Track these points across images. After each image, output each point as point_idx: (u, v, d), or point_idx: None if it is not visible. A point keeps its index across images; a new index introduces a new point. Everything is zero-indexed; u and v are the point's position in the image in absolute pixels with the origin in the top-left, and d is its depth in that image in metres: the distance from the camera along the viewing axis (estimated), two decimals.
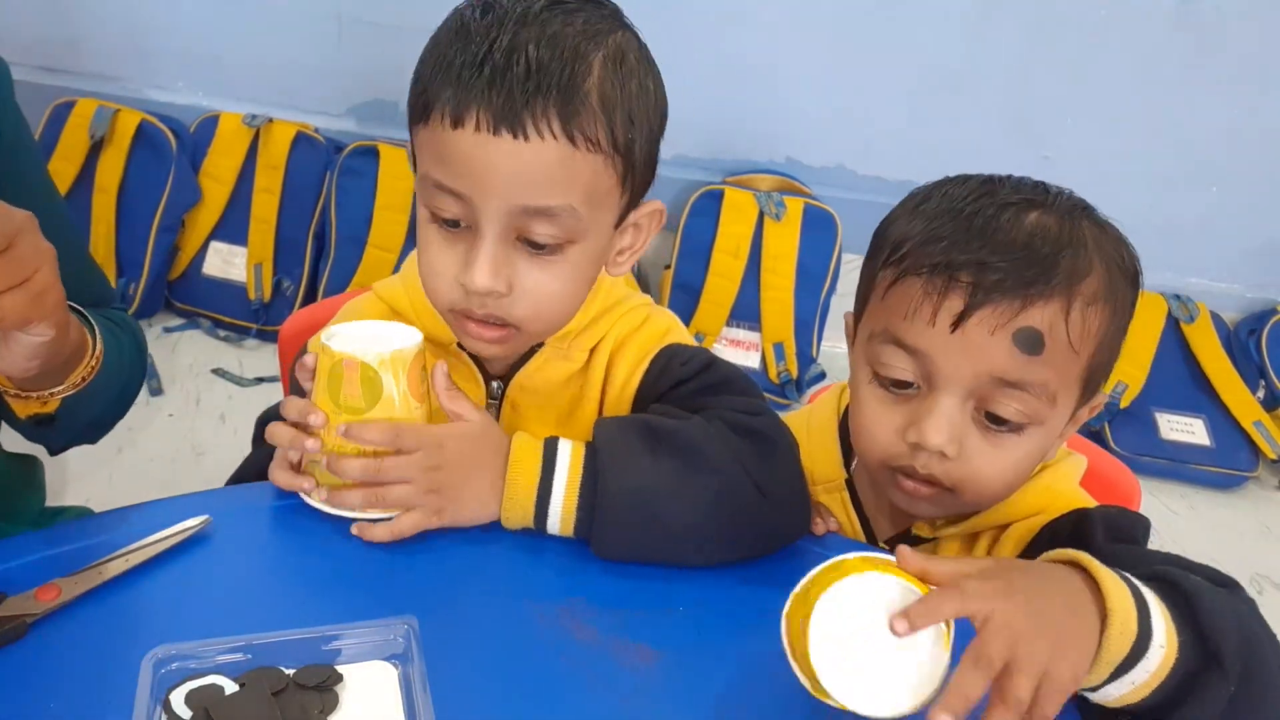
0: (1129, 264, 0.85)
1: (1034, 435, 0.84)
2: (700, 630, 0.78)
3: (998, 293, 0.80)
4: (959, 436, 0.84)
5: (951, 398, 0.83)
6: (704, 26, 2.39)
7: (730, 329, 2.49)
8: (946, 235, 0.83)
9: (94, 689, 0.67)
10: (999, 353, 0.81)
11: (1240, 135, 2.41)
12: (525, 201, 0.80)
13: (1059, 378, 0.82)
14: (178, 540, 0.78)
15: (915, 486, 0.87)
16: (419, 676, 0.67)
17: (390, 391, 0.80)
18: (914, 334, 0.83)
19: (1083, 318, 0.81)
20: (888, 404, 0.87)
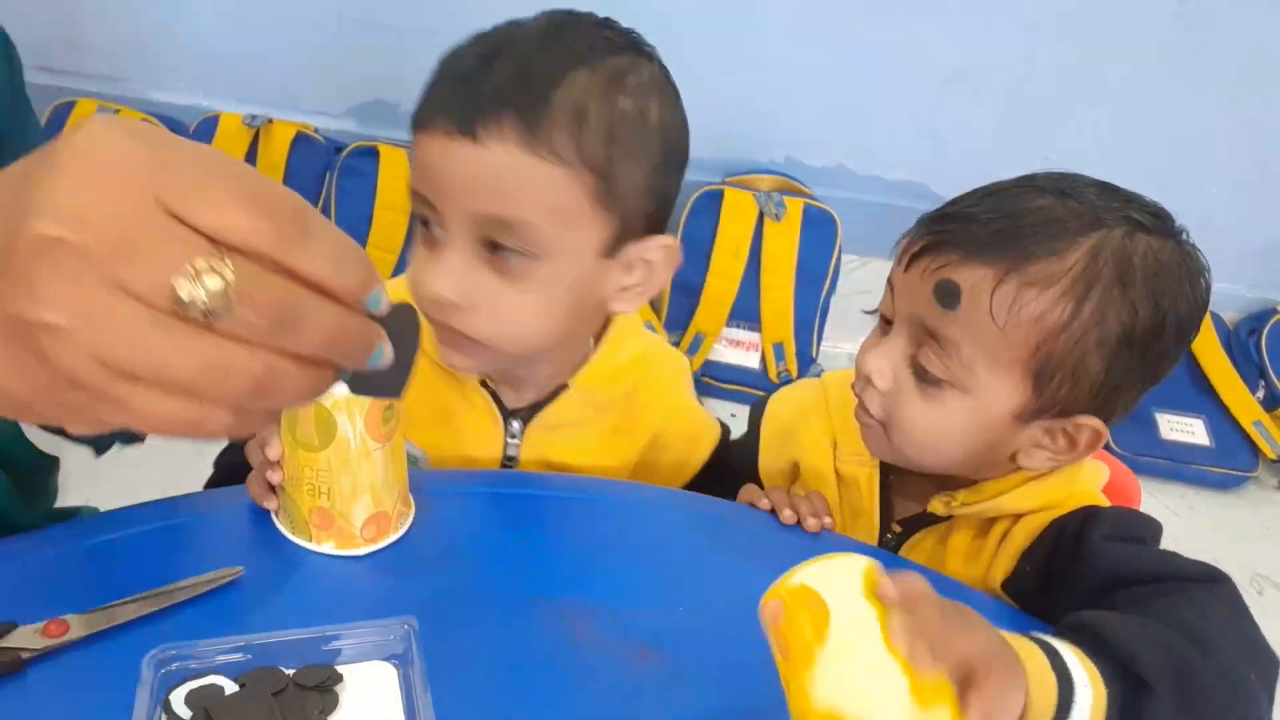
0: (1144, 289, 0.80)
1: (957, 401, 0.84)
2: (700, 630, 0.78)
3: (946, 244, 0.83)
4: (890, 373, 0.87)
5: (897, 337, 0.87)
6: (704, 26, 2.39)
7: (730, 329, 2.49)
8: (965, 199, 0.87)
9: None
10: (924, 296, 0.83)
11: (1240, 135, 2.41)
12: (482, 209, 0.79)
13: (975, 345, 0.82)
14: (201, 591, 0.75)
15: (860, 412, 0.90)
16: (419, 677, 0.67)
17: (345, 432, 0.76)
18: (893, 270, 0.89)
19: (1014, 294, 0.79)
20: (874, 338, 0.92)
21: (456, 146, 0.78)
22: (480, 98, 0.77)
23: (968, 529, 0.94)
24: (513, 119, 0.77)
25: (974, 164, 2.50)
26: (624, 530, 0.89)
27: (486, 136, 0.77)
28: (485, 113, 0.77)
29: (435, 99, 0.80)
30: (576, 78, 0.78)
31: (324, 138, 2.53)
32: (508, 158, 0.77)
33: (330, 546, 0.80)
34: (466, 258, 0.81)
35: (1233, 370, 2.48)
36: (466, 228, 0.80)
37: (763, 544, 0.90)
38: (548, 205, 0.79)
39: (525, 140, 0.77)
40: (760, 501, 0.94)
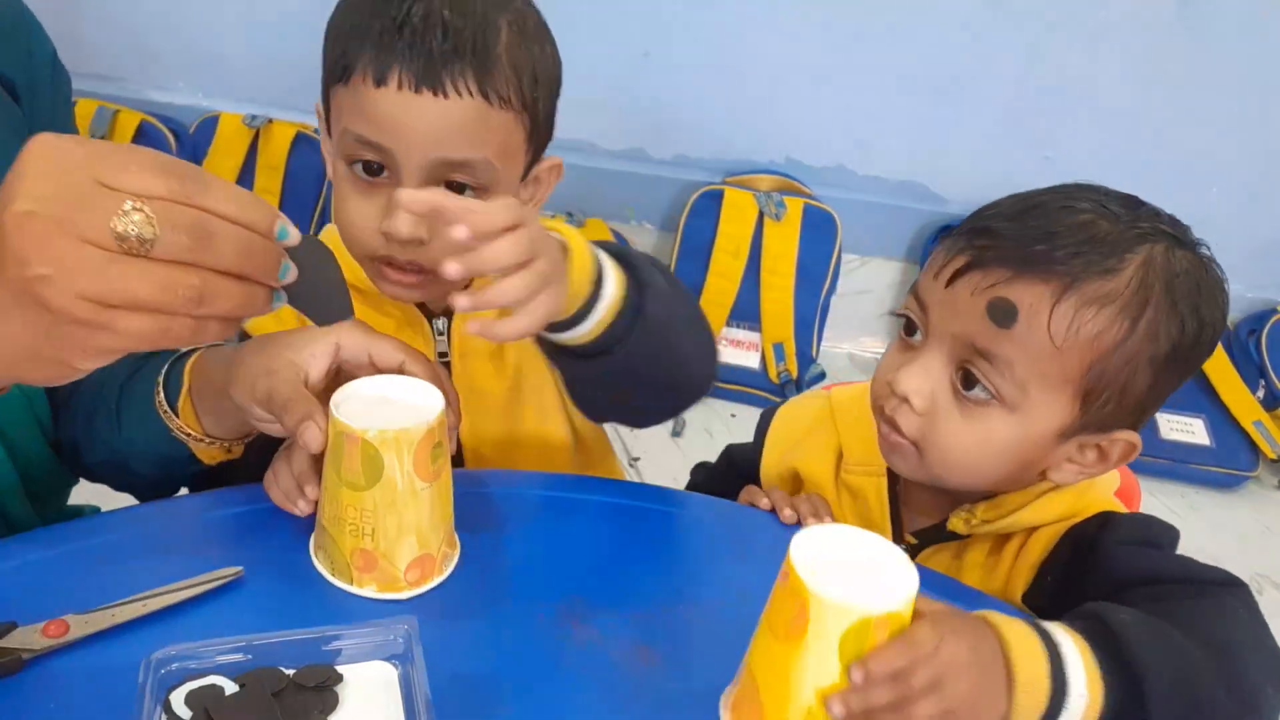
0: (1188, 303, 0.80)
1: (1004, 419, 0.82)
2: (700, 630, 0.78)
3: (995, 260, 0.80)
4: (929, 392, 0.84)
5: (935, 354, 0.84)
6: (704, 26, 2.39)
7: (730, 329, 2.49)
8: (1000, 208, 0.84)
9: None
10: (973, 316, 0.80)
11: (1240, 135, 2.41)
12: (445, 154, 0.85)
13: (1030, 364, 0.80)
14: (201, 591, 0.75)
15: (888, 430, 0.87)
16: (419, 676, 0.67)
17: (392, 471, 0.74)
18: (924, 285, 0.86)
19: (1073, 313, 0.78)
20: (897, 350, 0.89)
21: (421, 100, 0.83)
22: (439, 54, 0.83)
23: (984, 543, 0.93)
24: (470, 72, 0.84)
25: (974, 164, 2.52)
26: (624, 530, 0.89)
27: (451, 90, 0.83)
28: (447, 67, 0.83)
29: (385, 52, 0.83)
30: (501, 26, 0.86)
31: None
32: (471, 108, 0.84)
33: (372, 590, 0.77)
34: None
35: (1233, 370, 2.48)
36: (422, 171, 0.86)
37: (763, 544, 0.90)
38: (499, 145, 0.87)
39: (483, 90, 0.84)
40: (760, 501, 0.94)
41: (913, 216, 2.53)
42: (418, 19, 0.83)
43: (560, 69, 0.93)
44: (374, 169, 0.87)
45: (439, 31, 0.83)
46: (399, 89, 0.83)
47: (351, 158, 0.88)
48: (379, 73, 0.83)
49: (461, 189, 0.87)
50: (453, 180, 0.87)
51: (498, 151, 0.87)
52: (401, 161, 0.86)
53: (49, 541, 0.80)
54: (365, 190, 0.88)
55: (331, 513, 0.76)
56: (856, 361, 2.64)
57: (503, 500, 0.88)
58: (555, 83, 0.92)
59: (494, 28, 0.85)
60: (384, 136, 0.85)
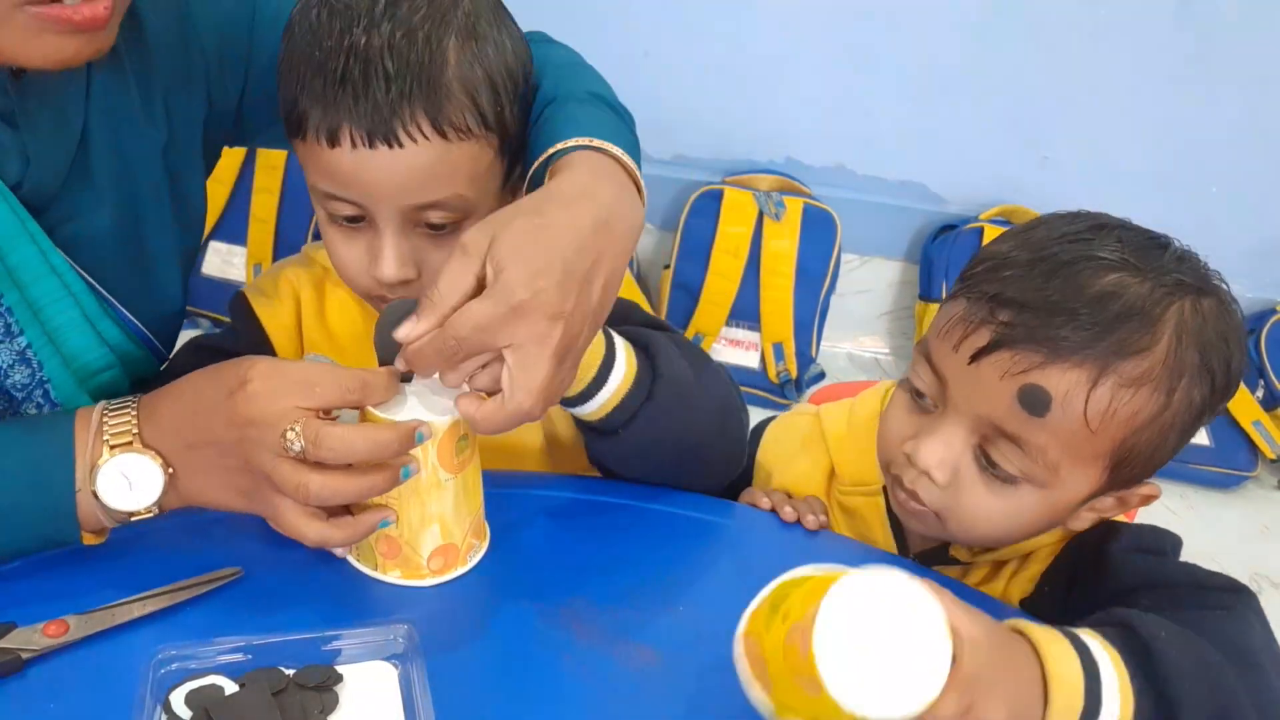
0: (1219, 359, 0.78)
1: (1032, 494, 0.80)
2: (700, 630, 0.78)
3: (1024, 341, 0.76)
4: (952, 465, 0.81)
5: (956, 427, 0.81)
6: (703, 26, 2.39)
7: (730, 329, 2.49)
8: (1016, 269, 0.79)
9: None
10: (1002, 401, 0.77)
11: (1240, 135, 2.41)
12: (413, 200, 0.83)
13: (1063, 448, 0.77)
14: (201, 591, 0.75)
15: (906, 498, 0.85)
16: (419, 677, 0.67)
17: (417, 472, 0.75)
18: (940, 353, 0.82)
19: (1111, 396, 0.75)
20: (908, 411, 0.86)
21: (376, 155, 0.80)
22: (384, 104, 0.78)
23: (985, 567, 0.93)
24: (422, 115, 0.79)
25: (974, 164, 2.52)
26: (624, 530, 0.89)
27: (406, 139, 0.79)
28: (397, 114, 0.79)
29: (331, 108, 0.79)
30: (449, 47, 0.81)
31: None
32: (429, 151, 0.80)
33: (396, 575, 0.79)
34: (405, 237, 0.85)
35: None
36: (395, 218, 0.84)
37: (763, 543, 0.90)
38: (466, 176, 0.84)
39: (439, 129, 0.80)
40: (760, 501, 0.95)
41: (913, 216, 2.53)
42: (357, 69, 0.78)
43: (523, 53, 0.88)
44: (353, 218, 0.85)
45: (381, 76, 0.78)
46: (353, 147, 0.80)
47: (328, 210, 0.86)
48: (330, 133, 0.80)
49: (441, 227, 0.85)
50: (429, 221, 0.84)
51: (467, 182, 0.84)
52: (373, 210, 0.84)
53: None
54: (349, 234, 0.87)
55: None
56: (856, 361, 2.64)
57: (501, 501, 0.87)
58: (519, 74, 0.87)
59: (439, 53, 0.80)
60: (349, 192, 0.83)
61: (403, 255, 0.85)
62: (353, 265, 0.88)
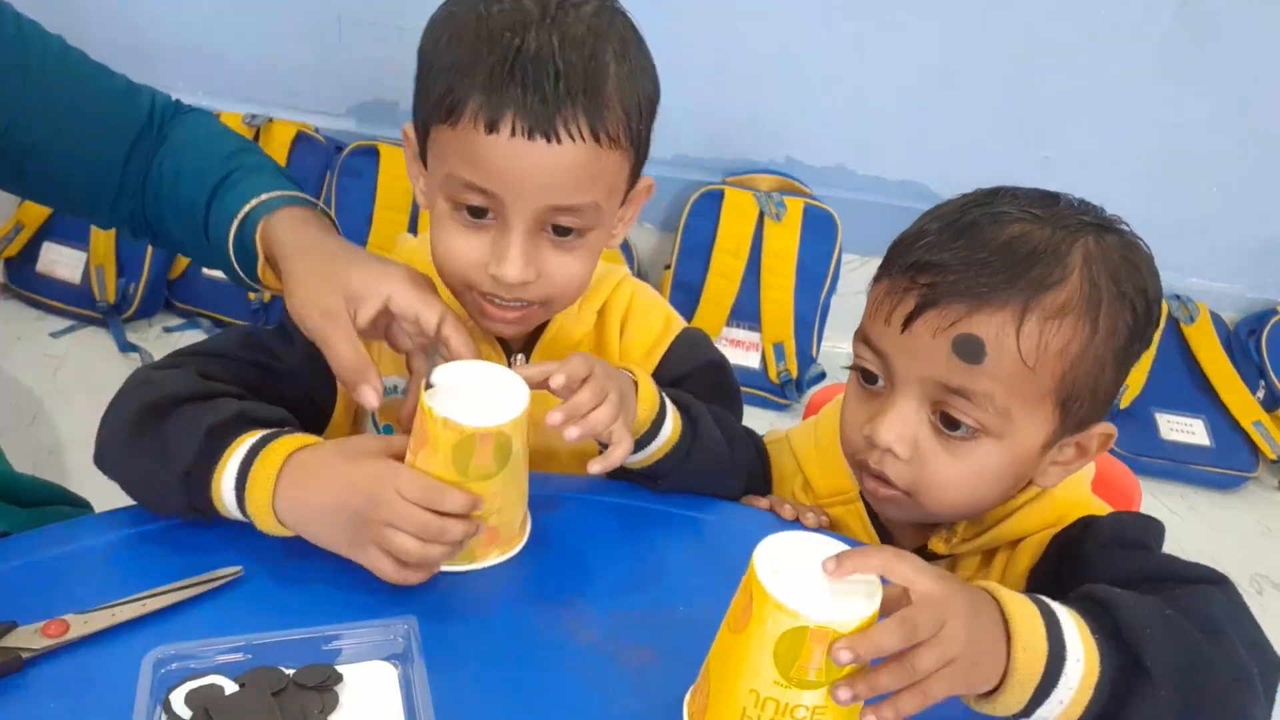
0: (1132, 287, 0.81)
1: (992, 447, 0.82)
2: (700, 630, 0.77)
3: (947, 296, 0.79)
4: (911, 438, 0.83)
5: (907, 399, 0.82)
6: (703, 26, 2.39)
7: (730, 329, 2.49)
8: (928, 237, 0.83)
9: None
10: (939, 357, 0.79)
11: (1240, 135, 2.41)
12: (554, 201, 0.84)
13: (1008, 391, 0.79)
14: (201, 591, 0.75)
15: (875, 485, 0.86)
16: (419, 676, 0.67)
17: (519, 450, 0.80)
18: (876, 332, 0.84)
19: (1039, 331, 0.78)
20: (861, 399, 0.87)
21: (534, 147, 0.81)
22: (552, 99, 0.80)
23: (972, 559, 0.93)
24: (583, 116, 0.81)
25: (974, 164, 2.51)
26: (624, 530, 0.89)
27: (565, 136, 0.81)
28: (560, 112, 0.80)
29: (497, 97, 0.80)
30: (610, 61, 0.83)
31: (324, 137, 2.53)
32: (582, 153, 0.82)
33: (495, 556, 0.83)
34: (532, 238, 0.86)
35: (1233, 370, 2.48)
36: (530, 217, 0.85)
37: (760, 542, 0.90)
38: (607, 187, 0.86)
39: (594, 134, 0.82)
40: (760, 501, 0.95)
41: (913, 216, 2.50)
42: (529, 59, 0.80)
43: (658, 79, 0.90)
44: (479, 212, 0.86)
45: (552, 73, 0.80)
46: (512, 135, 0.80)
47: (456, 201, 0.86)
48: (490, 120, 0.80)
49: (566, 232, 0.87)
50: (558, 224, 0.86)
51: (605, 193, 0.86)
52: (510, 205, 0.84)
53: (49, 541, 0.80)
54: (470, 228, 0.87)
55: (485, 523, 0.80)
56: None
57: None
58: (655, 103, 0.90)
59: (603, 64, 0.82)
60: (494, 183, 0.83)
61: (529, 256, 0.86)
62: (467, 258, 0.87)
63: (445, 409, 0.76)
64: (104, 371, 2.26)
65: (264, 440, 0.79)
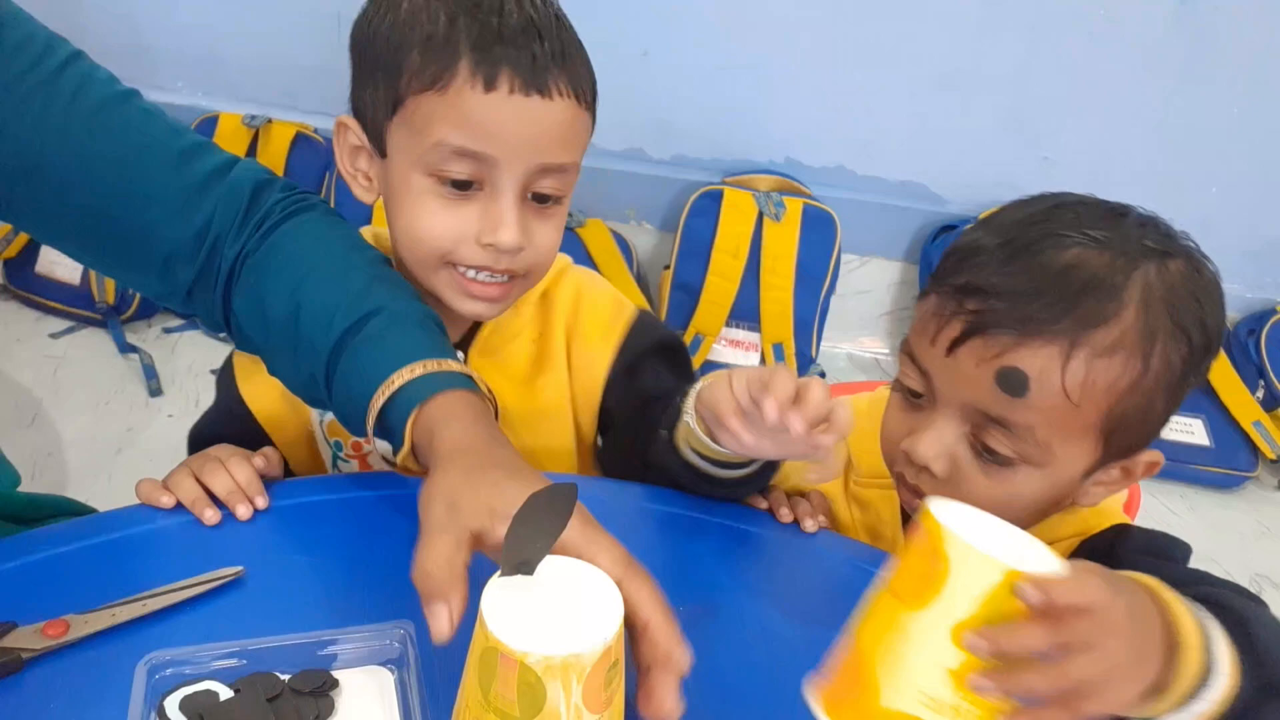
0: (1191, 319, 0.79)
1: (1030, 474, 0.81)
2: (700, 630, 0.77)
3: (994, 325, 0.77)
4: (949, 456, 0.82)
5: (947, 419, 0.82)
6: (703, 26, 2.39)
7: (729, 329, 2.49)
8: (982, 255, 0.81)
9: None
10: (983, 387, 0.79)
11: (1240, 135, 2.41)
12: (545, 160, 0.85)
13: (1050, 425, 0.78)
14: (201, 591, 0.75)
15: (910, 496, 0.87)
16: (415, 681, 0.67)
17: (555, 705, 0.56)
18: (921, 349, 0.83)
19: (1087, 368, 0.76)
20: (902, 410, 0.87)
21: (530, 104, 0.83)
22: (542, 58, 0.83)
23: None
24: (563, 74, 0.84)
25: (974, 164, 2.52)
26: (622, 530, 0.89)
27: (555, 93, 0.84)
28: (549, 70, 0.83)
29: (492, 57, 0.82)
30: (564, 20, 0.87)
31: (324, 138, 2.53)
32: (567, 109, 0.85)
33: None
34: (520, 205, 0.87)
35: (1232, 370, 2.48)
36: (520, 179, 0.86)
37: (761, 543, 0.90)
38: (582, 146, 0.89)
39: (575, 90, 0.85)
40: (759, 502, 0.95)
41: (913, 216, 2.53)
42: (519, 25, 0.83)
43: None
44: (463, 185, 0.86)
45: (537, 36, 0.83)
46: (510, 93, 0.82)
47: (441, 174, 0.85)
48: (488, 78, 0.82)
49: (545, 199, 0.88)
50: (539, 191, 0.87)
51: (579, 152, 0.89)
52: (502, 167, 0.84)
53: (49, 541, 0.80)
54: (454, 203, 0.87)
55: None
56: (856, 361, 2.64)
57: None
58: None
59: (566, 28, 0.86)
60: (489, 143, 0.83)
61: (523, 220, 0.87)
62: (452, 233, 0.87)
63: (497, 601, 0.59)
64: (103, 373, 2.25)
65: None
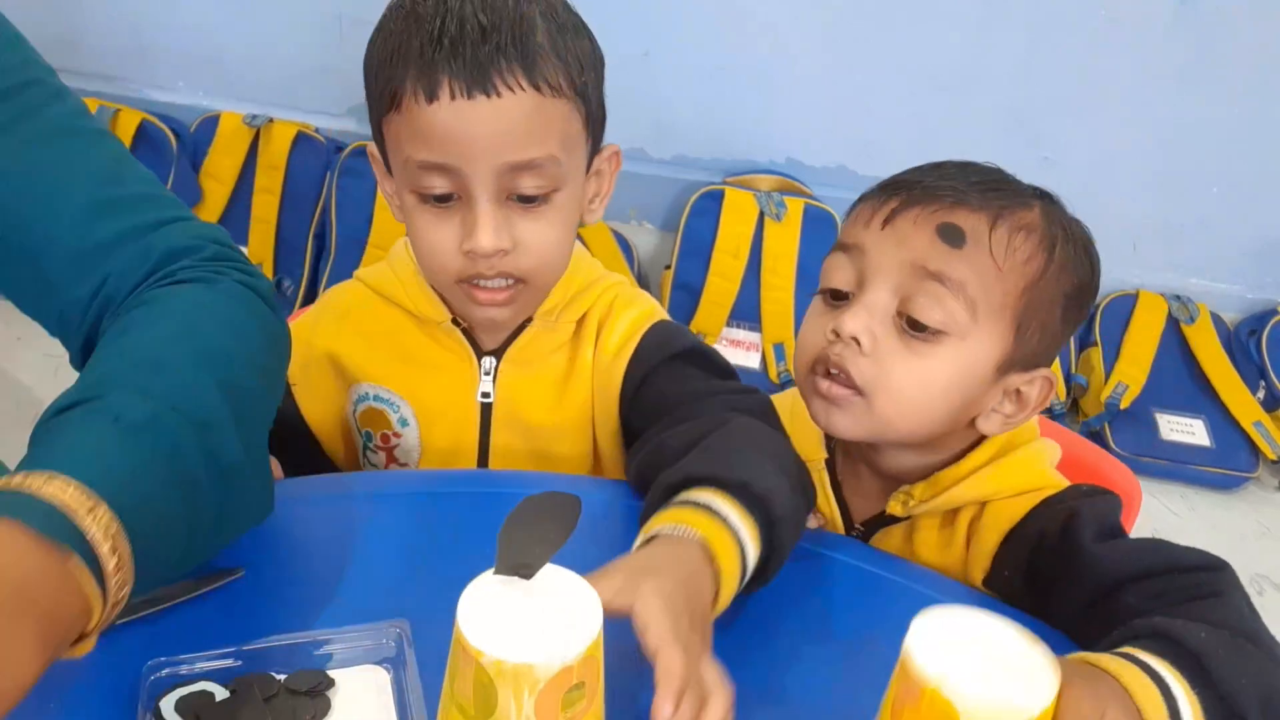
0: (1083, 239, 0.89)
1: (952, 350, 0.85)
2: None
3: (929, 196, 0.85)
4: (875, 331, 0.85)
5: (878, 292, 0.86)
6: (703, 26, 2.39)
7: (730, 329, 2.49)
8: (907, 171, 0.91)
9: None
10: (921, 241, 0.84)
11: (1240, 135, 2.40)
12: (510, 158, 0.84)
13: (979, 284, 0.84)
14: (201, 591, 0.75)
15: (829, 385, 0.87)
16: (411, 680, 0.67)
17: (507, 711, 0.56)
18: (854, 233, 0.89)
19: (1009, 237, 0.84)
20: (824, 313, 0.90)
21: (476, 105, 0.82)
22: (483, 55, 0.82)
23: (932, 523, 0.94)
24: (518, 66, 0.83)
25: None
26: (621, 530, 0.89)
27: (504, 88, 0.82)
28: (495, 65, 0.82)
29: (430, 66, 0.83)
30: (536, 16, 0.85)
31: (324, 138, 2.54)
32: (526, 103, 0.83)
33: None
34: (499, 207, 0.87)
35: (1233, 371, 2.48)
36: (491, 182, 0.85)
37: None
38: (560, 137, 0.87)
39: (533, 82, 0.83)
40: None
41: None
42: (453, 27, 0.82)
43: (601, 53, 0.92)
44: (443, 198, 0.86)
45: (478, 34, 0.82)
46: (452, 99, 0.82)
47: (420, 191, 0.87)
48: (429, 88, 0.83)
49: (531, 199, 0.87)
50: (522, 192, 0.86)
51: (560, 144, 0.87)
52: (470, 174, 0.85)
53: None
54: (439, 216, 0.88)
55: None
56: None
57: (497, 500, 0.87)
58: (599, 68, 0.91)
59: (529, 18, 0.84)
60: (447, 154, 0.84)
61: (498, 223, 0.86)
62: (443, 246, 0.89)
63: (476, 593, 0.60)
64: None
65: None
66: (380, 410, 1.02)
